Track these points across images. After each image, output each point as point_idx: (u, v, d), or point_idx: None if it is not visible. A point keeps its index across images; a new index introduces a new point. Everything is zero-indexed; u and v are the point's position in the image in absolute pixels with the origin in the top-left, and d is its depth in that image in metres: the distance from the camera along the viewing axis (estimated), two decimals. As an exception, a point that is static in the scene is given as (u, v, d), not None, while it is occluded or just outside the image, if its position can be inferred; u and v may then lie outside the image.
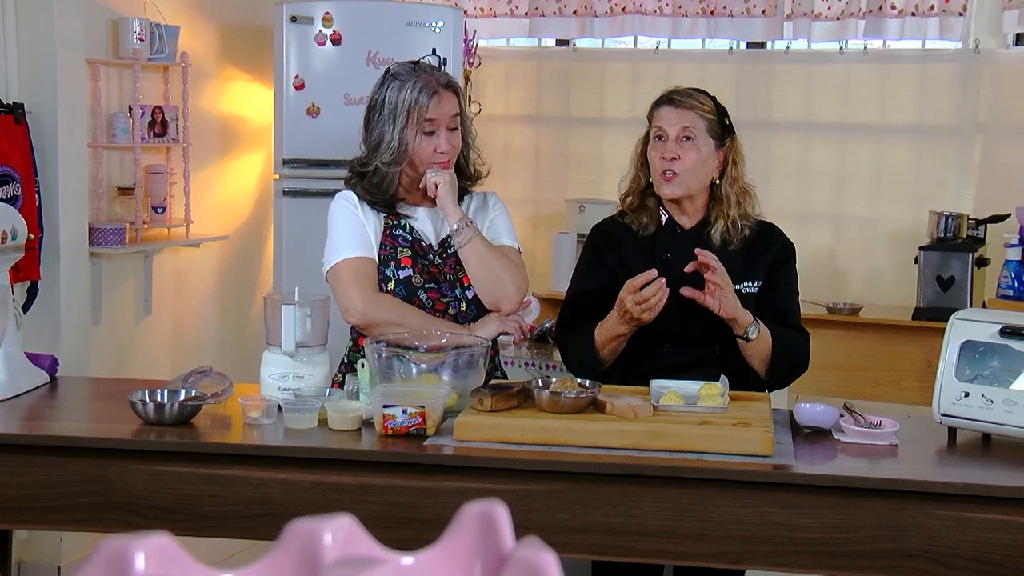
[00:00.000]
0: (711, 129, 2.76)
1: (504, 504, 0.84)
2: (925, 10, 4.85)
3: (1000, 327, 2.32)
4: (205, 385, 2.50)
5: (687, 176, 2.74)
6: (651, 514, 2.23)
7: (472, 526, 0.82)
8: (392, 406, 2.32)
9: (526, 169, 5.62)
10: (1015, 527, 2.11)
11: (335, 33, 4.40)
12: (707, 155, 2.75)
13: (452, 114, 2.72)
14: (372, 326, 2.67)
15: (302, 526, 0.76)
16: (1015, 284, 4.19)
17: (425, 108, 2.67)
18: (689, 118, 2.74)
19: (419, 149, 2.69)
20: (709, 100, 2.79)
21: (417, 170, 2.73)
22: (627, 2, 5.30)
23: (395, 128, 2.69)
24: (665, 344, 2.74)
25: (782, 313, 2.81)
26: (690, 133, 2.73)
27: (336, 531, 0.77)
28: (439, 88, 2.70)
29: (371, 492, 2.28)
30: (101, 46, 4.19)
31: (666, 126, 2.75)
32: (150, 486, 2.28)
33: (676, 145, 2.74)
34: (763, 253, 2.81)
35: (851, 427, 2.39)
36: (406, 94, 2.68)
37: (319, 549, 0.76)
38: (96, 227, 4.12)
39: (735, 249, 2.77)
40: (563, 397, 2.39)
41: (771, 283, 2.81)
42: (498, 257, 2.75)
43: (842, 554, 2.17)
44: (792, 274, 2.87)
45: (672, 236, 2.81)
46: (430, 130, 2.69)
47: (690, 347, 2.72)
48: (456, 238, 2.70)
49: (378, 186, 2.72)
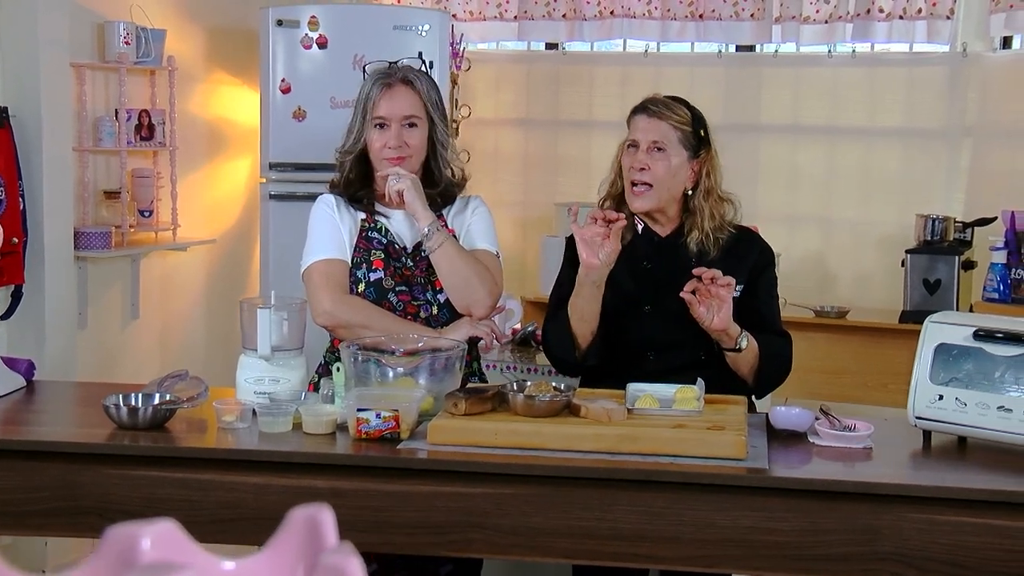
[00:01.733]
0: (684, 140, 2.73)
1: (330, 508, 0.83)
2: (912, 13, 4.85)
3: (974, 330, 2.31)
4: (181, 389, 2.50)
5: (656, 186, 2.72)
6: (624, 518, 2.22)
7: (297, 531, 0.82)
8: (366, 410, 2.32)
9: (515, 172, 5.62)
10: (987, 530, 2.11)
11: (321, 37, 4.40)
12: (678, 166, 2.73)
13: (407, 112, 2.72)
14: (339, 327, 2.68)
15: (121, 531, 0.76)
16: (1000, 287, 4.19)
17: (374, 101, 2.70)
18: (661, 129, 2.72)
19: (371, 142, 2.73)
20: (686, 111, 2.76)
21: (373, 166, 2.75)
22: (616, 6, 5.30)
23: (354, 121, 2.76)
24: (650, 352, 2.73)
25: (764, 318, 2.81)
26: (661, 144, 2.71)
27: (155, 536, 0.76)
28: (394, 82, 2.72)
29: (344, 496, 2.27)
30: (87, 50, 4.20)
31: (638, 136, 2.74)
32: (122, 490, 2.27)
33: (646, 155, 2.72)
34: (743, 259, 2.79)
35: (826, 430, 2.39)
36: (364, 89, 2.75)
37: (136, 554, 0.75)
38: (82, 231, 4.12)
39: (713, 258, 2.76)
40: (537, 400, 2.38)
41: (752, 289, 2.80)
42: (470, 262, 2.73)
43: (814, 557, 2.17)
44: (773, 279, 2.86)
45: (649, 244, 2.80)
46: (381, 124, 2.71)
47: (675, 354, 2.70)
48: (426, 243, 2.69)
49: (341, 177, 2.78)
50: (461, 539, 2.26)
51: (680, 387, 2.50)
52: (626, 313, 2.75)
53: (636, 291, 2.76)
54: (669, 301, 2.73)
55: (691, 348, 2.68)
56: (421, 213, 2.68)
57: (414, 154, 2.74)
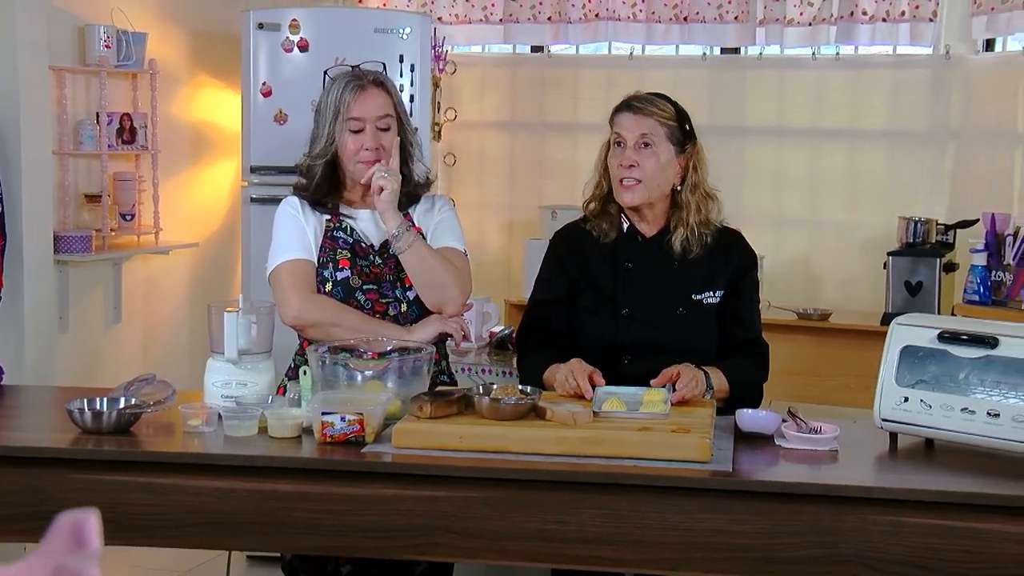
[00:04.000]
0: (671, 135, 2.74)
1: (96, 512, 0.84)
2: (896, 16, 4.85)
3: (939, 332, 2.31)
4: (147, 393, 2.50)
5: (647, 182, 2.72)
6: (588, 521, 2.22)
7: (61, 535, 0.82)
8: (330, 413, 2.32)
9: (501, 175, 5.63)
10: (949, 531, 2.10)
11: (302, 40, 4.40)
12: (667, 161, 2.74)
13: (381, 113, 2.72)
14: (308, 327, 2.69)
15: None
16: (980, 289, 4.19)
17: (348, 103, 2.70)
18: (648, 125, 2.72)
19: (345, 145, 2.71)
20: (669, 106, 2.77)
21: (345, 168, 2.75)
22: (601, 8, 5.30)
23: (324, 125, 2.74)
24: (625, 356, 2.73)
25: (745, 323, 2.81)
26: (649, 140, 2.72)
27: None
28: (366, 84, 2.73)
29: (308, 500, 2.27)
30: (67, 53, 4.19)
31: (625, 133, 2.74)
32: (85, 495, 2.27)
33: (635, 152, 2.72)
34: (725, 263, 2.79)
35: (792, 433, 2.38)
36: (334, 92, 2.74)
37: None
38: (62, 235, 4.12)
39: (696, 257, 2.76)
40: (502, 403, 2.38)
41: (734, 293, 2.80)
42: (440, 261, 2.74)
43: (778, 560, 2.16)
44: (754, 284, 2.86)
45: (633, 244, 2.79)
46: (357, 128, 2.71)
47: (650, 360, 2.70)
48: (396, 244, 2.70)
49: (309, 183, 2.77)
50: (425, 542, 2.25)
51: (647, 390, 2.50)
52: (603, 315, 2.75)
53: (615, 293, 2.76)
54: (647, 305, 2.73)
55: (668, 355, 2.66)
56: (391, 215, 2.69)
57: (388, 156, 2.74)
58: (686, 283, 2.76)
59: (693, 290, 2.76)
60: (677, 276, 2.76)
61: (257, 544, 2.34)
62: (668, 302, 2.74)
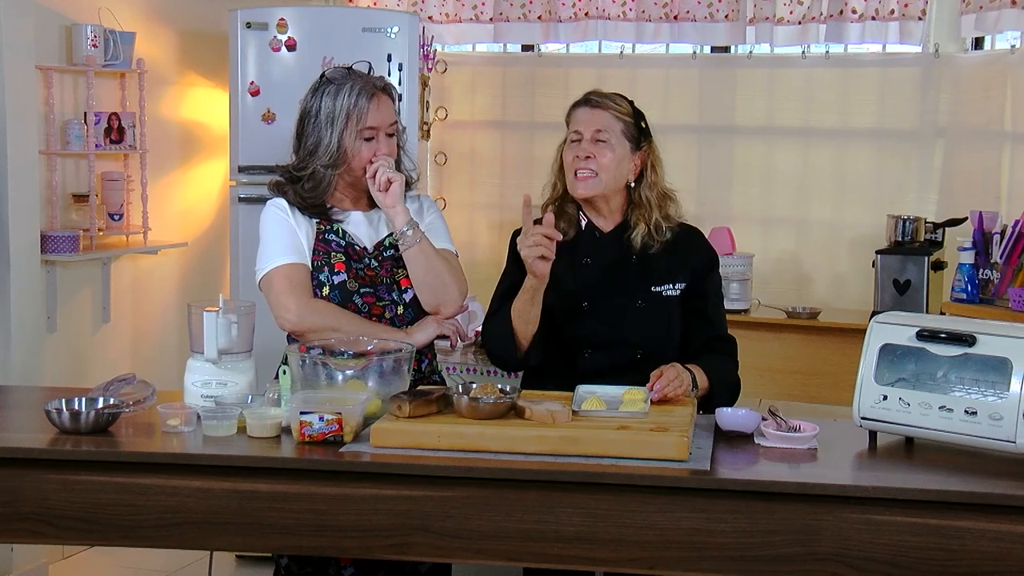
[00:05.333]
0: (626, 132, 2.77)
1: None
2: (885, 14, 4.85)
3: (917, 330, 2.31)
4: (127, 393, 2.50)
5: (602, 174, 2.74)
6: (567, 520, 2.22)
7: None
8: (309, 413, 2.31)
9: (492, 174, 5.63)
10: (926, 529, 2.10)
11: (290, 39, 4.39)
12: (622, 156, 2.76)
13: (391, 120, 2.73)
14: (308, 332, 2.66)
15: None
16: (968, 287, 4.19)
17: (365, 112, 2.68)
18: (604, 119, 2.76)
19: (358, 154, 2.69)
20: (626, 103, 2.81)
21: (355, 174, 2.72)
22: (591, 7, 5.30)
23: (333, 132, 2.68)
24: (586, 349, 2.74)
25: (712, 321, 2.83)
26: (604, 136, 2.75)
27: None
28: (377, 91, 2.71)
29: (286, 500, 2.26)
30: (54, 53, 4.19)
31: (581, 127, 2.77)
32: (63, 496, 2.26)
33: (591, 145, 2.75)
34: (686, 258, 2.81)
35: (771, 431, 2.38)
36: (344, 98, 2.68)
37: None
38: (49, 234, 4.11)
39: (656, 252, 2.78)
40: (481, 403, 2.38)
41: (700, 291, 2.82)
42: (442, 260, 2.75)
43: (755, 558, 2.16)
44: (719, 281, 2.89)
45: (591, 240, 2.81)
46: (370, 136, 2.69)
47: (611, 352, 2.72)
48: (403, 240, 2.70)
49: (313, 190, 2.72)
50: (404, 542, 2.25)
51: (629, 388, 2.50)
52: (564, 309, 2.77)
53: (575, 287, 2.78)
54: (607, 299, 2.75)
55: (628, 347, 2.70)
56: (401, 209, 2.69)
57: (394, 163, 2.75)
58: (645, 276, 2.78)
59: (652, 282, 2.78)
60: (636, 270, 2.78)
61: (235, 544, 2.34)
62: (627, 296, 2.76)
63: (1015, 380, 2.18)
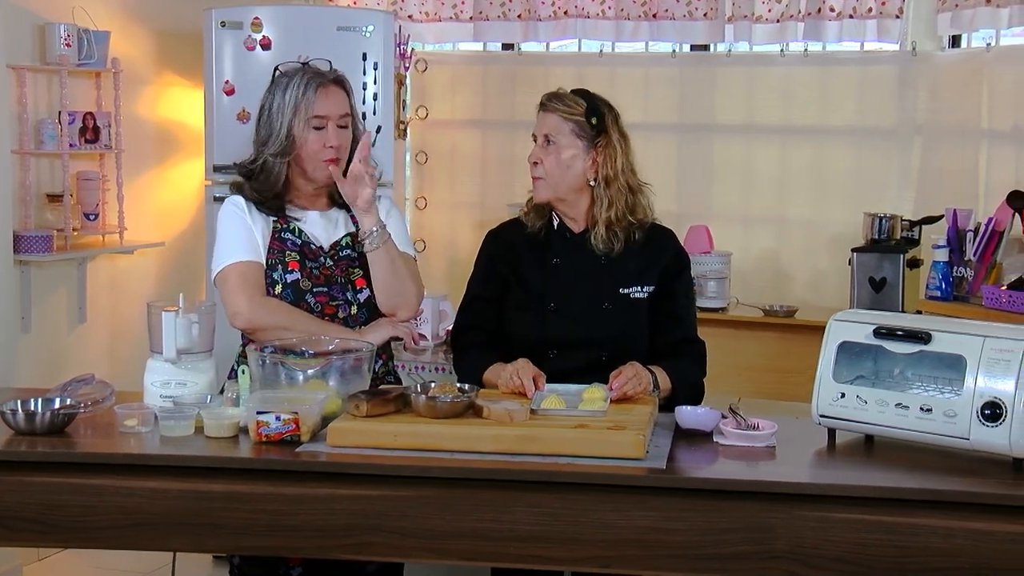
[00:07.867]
0: (577, 131, 2.75)
1: None
2: (863, 12, 4.85)
3: (874, 328, 2.31)
4: (85, 394, 2.49)
5: (547, 178, 2.76)
6: (523, 519, 2.21)
7: None
8: (266, 412, 2.31)
9: (473, 174, 5.62)
10: (880, 527, 2.09)
11: (264, 38, 4.39)
12: (572, 157, 2.75)
13: (342, 112, 2.71)
14: (259, 330, 2.66)
15: None
16: (943, 285, 4.18)
17: (312, 101, 2.68)
18: (552, 122, 2.76)
19: (307, 143, 2.69)
20: (581, 102, 2.77)
21: (305, 167, 2.72)
22: (570, 6, 5.29)
23: (283, 121, 2.69)
24: (551, 350, 2.73)
25: (682, 322, 2.82)
26: (552, 138, 2.75)
27: None
28: (327, 82, 2.71)
29: (241, 500, 2.25)
30: (27, 52, 4.18)
31: (536, 131, 2.80)
32: (16, 497, 2.25)
33: (540, 149, 2.77)
34: (656, 259, 2.80)
35: (730, 430, 2.38)
36: (293, 89, 2.70)
37: None
38: (22, 234, 4.10)
39: (626, 253, 2.76)
40: (439, 402, 2.37)
41: (669, 293, 2.81)
42: (404, 263, 2.75)
43: (709, 556, 2.15)
44: (689, 283, 2.88)
45: (562, 241, 2.82)
46: (319, 125, 2.69)
47: (576, 354, 2.71)
48: (370, 241, 2.69)
49: (265, 181, 2.73)
50: (360, 542, 2.25)
51: (588, 387, 2.50)
52: (530, 310, 2.76)
53: (542, 288, 2.77)
54: (573, 300, 2.75)
55: (594, 349, 2.69)
56: (372, 210, 2.69)
57: (346, 155, 2.73)
58: (613, 278, 2.76)
59: (620, 284, 2.77)
60: (604, 271, 2.76)
61: (192, 545, 2.32)
62: (594, 297, 2.75)
63: (969, 378, 2.17)
